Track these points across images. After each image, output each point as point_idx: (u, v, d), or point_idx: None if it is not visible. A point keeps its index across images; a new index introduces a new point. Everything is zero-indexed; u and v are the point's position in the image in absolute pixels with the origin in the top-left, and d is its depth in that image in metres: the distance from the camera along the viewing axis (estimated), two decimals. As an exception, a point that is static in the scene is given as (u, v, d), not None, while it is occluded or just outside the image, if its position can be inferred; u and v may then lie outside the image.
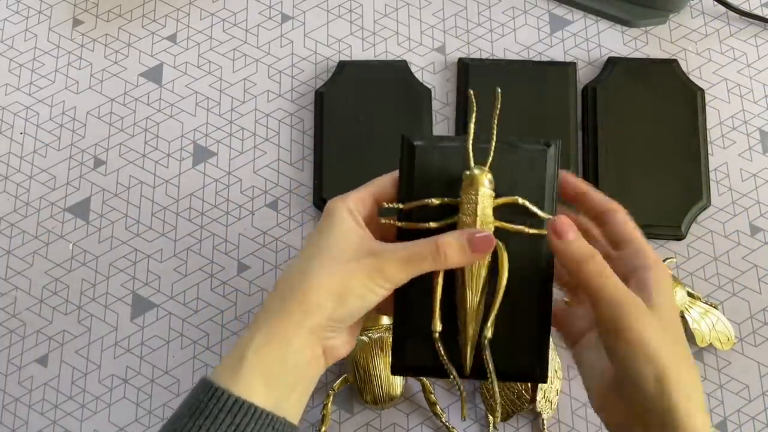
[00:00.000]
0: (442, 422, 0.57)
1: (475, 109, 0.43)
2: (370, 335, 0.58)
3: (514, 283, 0.42)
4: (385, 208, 0.44)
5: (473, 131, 0.43)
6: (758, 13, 0.69)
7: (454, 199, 0.43)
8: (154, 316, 0.62)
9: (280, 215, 0.64)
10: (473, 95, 0.44)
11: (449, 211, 0.43)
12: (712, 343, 0.58)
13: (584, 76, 0.67)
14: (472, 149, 0.43)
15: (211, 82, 0.68)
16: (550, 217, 0.43)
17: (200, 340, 0.61)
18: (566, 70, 0.66)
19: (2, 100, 0.68)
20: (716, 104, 0.66)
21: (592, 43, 0.68)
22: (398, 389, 0.57)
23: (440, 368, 0.43)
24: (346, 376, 0.58)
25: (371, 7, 0.70)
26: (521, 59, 0.68)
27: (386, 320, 0.59)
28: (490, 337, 0.42)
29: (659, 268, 0.42)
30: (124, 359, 0.61)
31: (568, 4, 0.69)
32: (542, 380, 0.44)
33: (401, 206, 0.43)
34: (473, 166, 0.42)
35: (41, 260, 0.63)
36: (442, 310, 0.42)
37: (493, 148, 0.43)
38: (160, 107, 0.67)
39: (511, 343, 0.43)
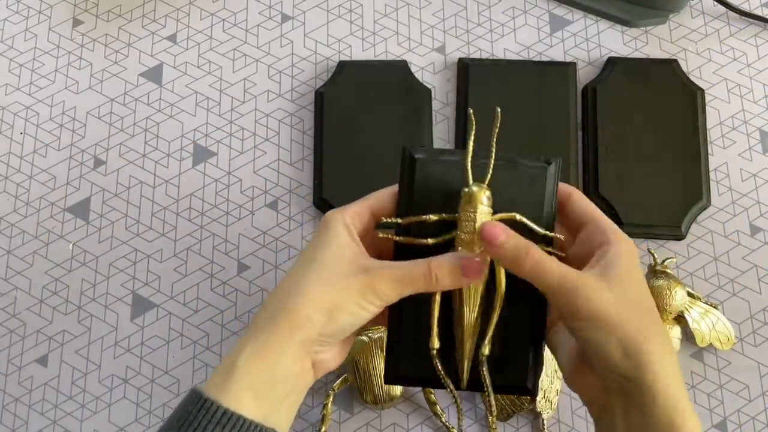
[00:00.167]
0: (442, 422, 0.57)
1: (474, 126, 0.43)
2: (370, 335, 0.58)
3: (510, 298, 0.43)
4: (383, 222, 0.44)
5: (472, 148, 0.43)
6: (758, 13, 0.69)
7: (452, 214, 0.43)
8: (154, 316, 0.62)
9: (280, 215, 0.64)
10: (472, 113, 0.44)
11: (447, 225, 0.43)
12: (712, 343, 0.58)
13: (584, 76, 0.67)
14: (471, 165, 0.43)
15: (211, 82, 0.68)
16: (548, 233, 0.43)
17: (200, 340, 0.61)
18: (566, 70, 0.66)
19: (2, 100, 0.68)
20: (716, 104, 0.66)
21: (592, 43, 0.68)
22: (398, 389, 0.57)
23: (433, 379, 0.44)
24: (346, 376, 0.58)
25: (371, 7, 0.70)
26: (521, 59, 0.68)
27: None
28: (487, 354, 0.42)
29: (620, 242, 0.41)
30: (124, 359, 0.61)
31: (568, 4, 0.69)
32: (533, 395, 0.44)
33: (399, 221, 0.43)
34: (472, 183, 0.42)
35: (41, 260, 0.63)
36: (439, 325, 0.43)
37: (491, 165, 0.42)
38: (160, 107, 0.67)
39: (504, 357, 0.43)
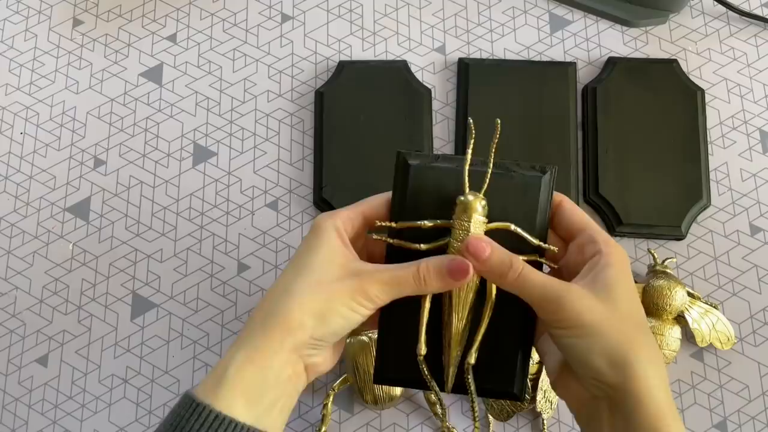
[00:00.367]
0: (442, 422, 0.57)
1: (473, 135, 0.43)
2: (370, 335, 0.58)
3: (499, 306, 0.43)
4: (377, 225, 0.44)
5: (471, 157, 0.43)
6: (758, 13, 0.69)
7: (446, 221, 0.43)
8: (154, 316, 0.62)
9: (280, 215, 0.64)
10: (471, 123, 0.44)
11: (441, 232, 0.43)
12: (712, 343, 0.58)
13: (584, 76, 0.67)
14: (468, 172, 0.42)
15: (211, 82, 0.68)
16: (541, 243, 0.43)
17: (200, 340, 0.61)
18: (566, 70, 0.66)
19: (2, 100, 0.68)
20: (716, 104, 0.66)
21: (592, 43, 0.68)
22: (398, 389, 0.57)
23: (422, 381, 0.44)
24: (346, 376, 0.58)
25: (371, 7, 0.70)
26: (521, 59, 0.68)
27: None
28: (473, 363, 0.42)
29: (611, 252, 0.42)
30: (124, 359, 0.61)
31: (568, 4, 0.69)
32: (520, 399, 0.44)
33: (394, 225, 0.43)
34: (468, 192, 0.42)
35: (41, 260, 0.63)
36: (427, 333, 0.43)
37: (489, 175, 0.42)
38: (160, 107, 0.67)
39: (492, 362, 0.43)
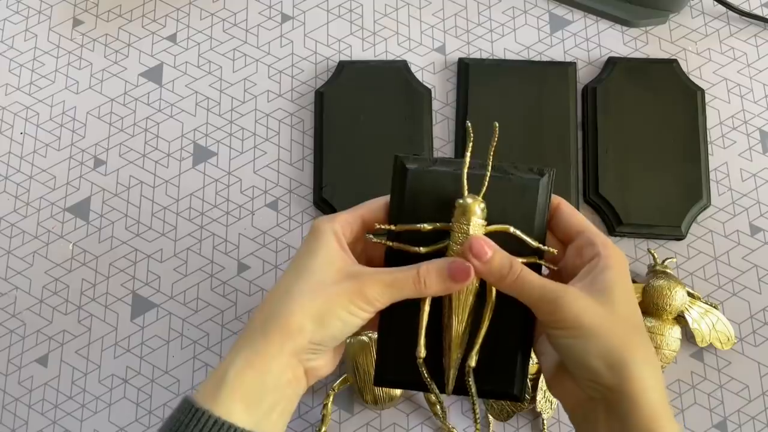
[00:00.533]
0: (442, 422, 0.57)
1: (472, 139, 0.43)
2: (370, 335, 0.58)
3: (499, 308, 0.43)
4: (376, 228, 0.44)
5: (469, 160, 0.43)
6: (758, 13, 0.69)
7: (445, 223, 0.43)
8: (154, 316, 0.62)
9: (280, 215, 0.64)
10: (470, 127, 0.44)
11: (440, 235, 0.43)
12: (712, 343, 0.58)
13: (584, 76, 0.67)
14: (466, 175, 0.43)
15: (211, 82, 0.68)
16: (540, 246, 0.43)
17: (200, 340, 0.61)
18: (566, 70, 0.66)
19: (2, 100, 0.68)
20: (716, 104, 0.66)
21: (592, 43, 0.68)
22: (398, 389, 0.57)
23: (422, 383, 0.44)
24: (346, 376, 0.58)
25: (371, 7, 0.70)
26: (521, 59, 0.68)
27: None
28: (473, 366, 0.42)
29: (609, 254, 0.42)
30: (124, 359, 0.61)
31: (568, 4, 0.69)
32: (520, 400, 0.44)
33: (393, 228, 0.43)
34: (466, 195, 0.42)
35: (41, 260, 0.63)
36: (427, 335, 0.43)
37: (488, 178, 0.42)
38: (160, 107, 0.67)
39: (492, 363, 0.43)
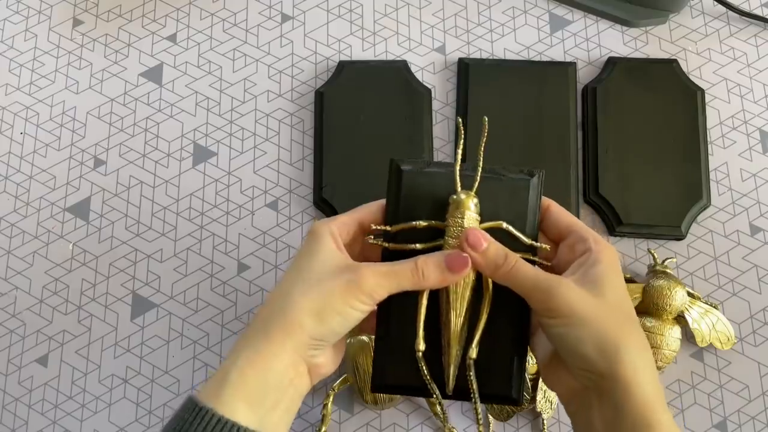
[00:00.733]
0: (442, 422, 0.57)
1: (463, 135, 0.44)
2: (370, 335, 0.58)
3: (494, 307, 0.43)
4: (373, 229, 0.45)
5: (461, 156, 0.44)
6: (758, 13, 0.69)
7: (440, 222, 0.44)
8: (154, 316, 0.62)
9: (280, 215, 0.64)
10: (460, 123, 0.45)
11: (435, 234, 0.44)
12: (712, 343, 0.58)
13: (584, 76, 0.67)
14: (459, 174, 0.44)
15: (211, 82, 0.68)
16: (532, 242, 0.44)
17: (200, 340, 0.61)
18: (566, 70, 0.66)
19: (2, 100, 0.68)
20: (716, 104, 0.66)
21: (592, 43, 0.68)
22: (398, 389, 0.57)
23: (420, 388, 0.44)
24: (346, 376, 0.58)
25: (371, 7, 0.70)
26: (521, 59, 0.68)
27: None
28: (474, 357, 0.42)
29: (600, 248, 0.43)
30: (124, 359, 0.61)
31: (568, 4, 0.69)
32: (518, 403, 0.44)
33: (389, 228, 0.44)
34: (460, 190, 0.43)
35: (41, 260, 0.63)
36: (426, 333, 0.43)
37: (479, 173, 0.44)
38: (160, 107, 0.67)
39: (489, 366, 0.44)
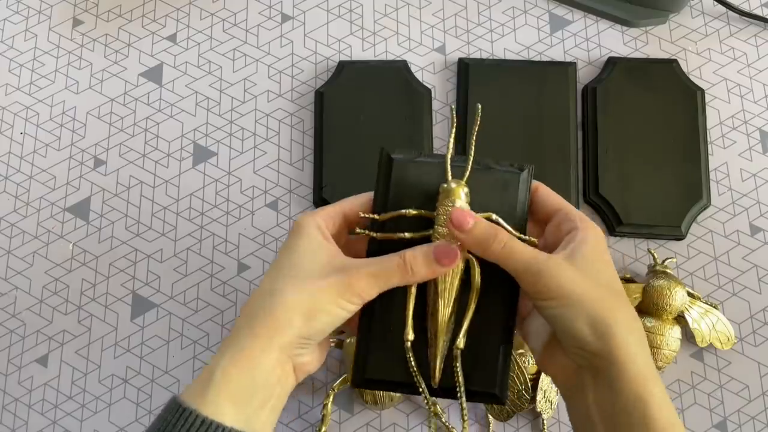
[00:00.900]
0: (441, 422, 0.57)
1: (455, 124, 0.45)
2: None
3: (481, 295, 0.43)
4: (361, 216, 0.45)
5: (452, 145, 0.44)
6: (758, 13, 0.69)
7: (430, 212, 0.44)
8: (154, 316, 0.62)
9: (280, 215, 0.64)
10: (453, 110, 0.45)
11: (423, 224, 0.44)
12: (712, 343, 0.58)
13: (584, 76, 0.67)
14: (450, 166, 0.44)
15: (211, 82, 0.68)
16: (520, 235, 0.44)
17: (200, 340, 0.61)
18: (566, 70, 0.66)
19: (2, 100, 0.68)
20: (716, 104, 0.66)
21: (592, 43, 0.68)
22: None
23: (403, 383, 0.44)
24: (346, 376, 0.58)
25: (371, 7, 0.70)
26: (521, 59, 0.68)
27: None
28: (462, 347, 0.42)
29: (587, 227, 0.43)
30: (124, 359, 0.61)
31: (568, 4, 0.69)
32: (501, 402, 0.44)
33: (377, 217, 0.44)
34: (451, 179, 0.43)
35: (41, 260, 0.63)
36: (414, 320, 0.43)
37: (470, 162, 0.44)
38: (160, 107, 0.67)
39: (474, 364, 0.43)
